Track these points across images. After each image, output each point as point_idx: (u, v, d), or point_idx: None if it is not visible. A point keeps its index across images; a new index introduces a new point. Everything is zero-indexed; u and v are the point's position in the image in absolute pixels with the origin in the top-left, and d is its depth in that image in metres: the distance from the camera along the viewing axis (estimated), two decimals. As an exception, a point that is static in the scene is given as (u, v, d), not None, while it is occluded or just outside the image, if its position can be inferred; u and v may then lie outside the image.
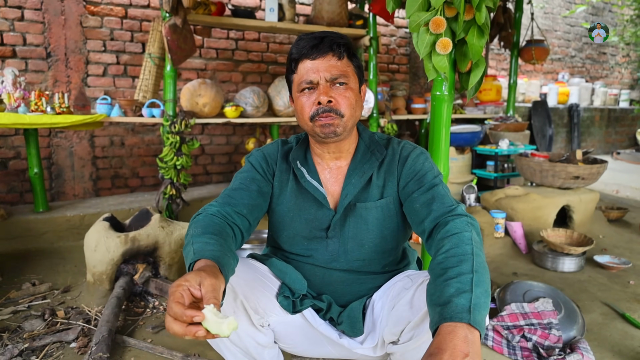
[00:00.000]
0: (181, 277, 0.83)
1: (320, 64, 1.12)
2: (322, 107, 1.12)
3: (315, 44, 1.12)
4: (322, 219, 1.20)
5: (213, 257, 0.93)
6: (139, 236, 2.21)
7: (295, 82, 1.17)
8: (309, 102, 1.14)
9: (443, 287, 0.86)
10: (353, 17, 3.74)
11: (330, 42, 1.12)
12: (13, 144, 3.54)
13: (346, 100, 1.13)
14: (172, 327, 0.77)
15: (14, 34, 3.43)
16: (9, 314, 2.05)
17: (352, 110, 1.15)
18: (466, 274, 0.87)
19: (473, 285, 0.84)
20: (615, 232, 3.37)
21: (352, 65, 1.17)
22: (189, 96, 3.05)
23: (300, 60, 1.14)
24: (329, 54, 1.12)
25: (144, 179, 4.10)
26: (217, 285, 0.84)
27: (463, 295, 0.82)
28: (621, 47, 7.88)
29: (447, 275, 0.87)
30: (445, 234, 0.98)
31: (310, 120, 1.14)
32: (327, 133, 1.14)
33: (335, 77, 1.12)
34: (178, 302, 0.78)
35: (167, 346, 1.79)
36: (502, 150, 3.94)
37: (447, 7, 1.66)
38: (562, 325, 1.85)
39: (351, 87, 1.15)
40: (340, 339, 1.18)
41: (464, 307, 0.80)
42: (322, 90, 1.12)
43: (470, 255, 0.91)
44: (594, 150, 6.75)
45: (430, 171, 1.17)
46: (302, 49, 1.13)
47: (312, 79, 1.12)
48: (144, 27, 3.88)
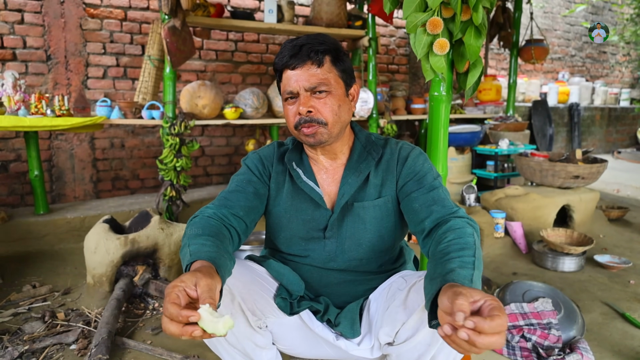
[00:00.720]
0: (177, 278, 0.84)
1: (299, 74, 1.12)
2: (303, 118, 1.12)
3: (294, 53, 1.12)
4: (319, 219, 1.21)
5: (209, 258, 0.93)
6: (139, 238, 2.21)
7: (282, 90, 1.18)
8: (292, 111, 1.14)
9: (445, 264, 0.88)
10: (352, 18, 3.74)
11: (309, 50, 1.11)
12: (13, 146, 3.55)
13: (327, 107, 1.12)
14: (169, 327, 0.78)
15: (14, 37, 3.44)
16: (9, 316, 2.06)
17: (336, 117, 1.14)
18: (468, 257, 0.90)
19: (475, 267, 0.87)
20: (616, 232, 3.36)
21: (336, 69, 1.15)
22: (188, 98, 3.06)
23: (283, 70, 1.15)
24: (307, 62, 1.11)
25: (144, 181, 4.11)
26: (213, 285, 0.84)
27: (466, 269, 0.85)
28: (621, 46, 7.87)
29: (449, 256, 0.90)
30: (448, 228, 1.00)
31: (295, 129, 1.15)
32: (313, 142, 1.14)
33: (314, 87, 1.11)
34: (174, 302, 0.79)
35: (167, 348, 1.79)
36: (502, 150, 3.93)
37: (444, 8, 1.66)
38: (562, 325, 1.85)
39: (333, 93, 1.13)
40: (337, 341, 1.18)
41: (467, 277, 0.83)
42: (301, 100, 1.12)
43: (472, 245, 0.94)
44: (595, 150, 6.74)
45: (430, 172, 1.17)
46: (282, 58, 1.13)
47: (292, 89, 1.13)
48: (144, 29, 3.89)
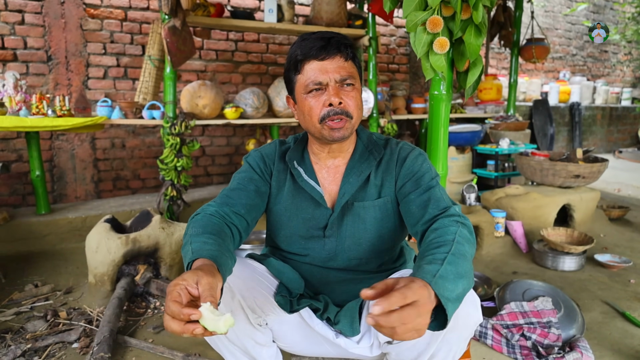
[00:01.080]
0: (178, 276, 0.84)
1: (329, 64, 1.11)
2: (334, 109, 1.11)
3: (323, 45, 1.11)
4: (320, 218, 1.21)
5: (211, 257, 0.93)
6: (140, 237, 2.22)
7: (301, 82, 1.15)
8: (317, 103, 1.12)
9: (419, 264, 0.91)
10: (352, 17, 3.75)
11: (338, 43, 1.12)
12: (15, 147, 3.56)
13: (354, 101, 1.14)
14: (170, 325, 0.79)
15: (15, 37, 3.45)
16: (12, 315, 2.07)
17: (359, 111, 1.17)
18: (441, 253, 0.92)
19: (445, 263, 0.88)
20: (617, 231, 3.36)
21: (356, 66, 1.18)
22: (189, 98, 3.06)
23: (306, 60, 1.13)
24: (337, 55, 1.12)
25: (145, 181, 4.11)
26: (214, 283, 0.85)
27: (433, 264, 0.88)
28: (623, 45, 7.86)
29: (423, 255, 0.94)
30: (432, 231, 1.02)
31: (319, 122, 1.13)
32: (337, 137, 1.14)
33: (344, 78, 1.12)
34: (175, 300, 0.79)
35: (168, 346, 1.80)
36: (502, 150, 3.93)
37: (444, 7, 1.67)
38: (562, 324, 1.85)
39: (357, 87, 1.16)
40: (336, 339, 1.18)
41: (430, 272, 0.85)
42: (332, 91, 1.11)
43: (450, 242, 0.95)
44: (596, 149, 6.73)
45: (428, 172, 1.17)
46: (309, 49, 1.12)
47: (321, 80, 1.11)
48: (144, 29, 3.90)
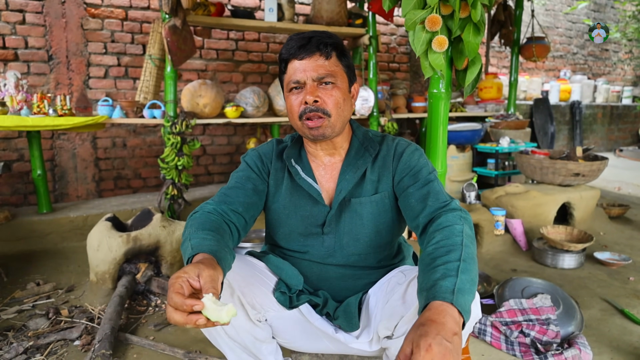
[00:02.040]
0: (180, 269, 0.86)
1: (307, 63, 1.14)
2: (309, 107, 1.14)
3: (302, 44, 1.14)
4: (318, 215, 1.22)
5: (210, 251, 0.95)
6: (141, 236, 2.23)
7: (285, 82, 1.19)
8: (296, 101, 1.16)
9: (430, 273, 0.89)
10: (352, 16, 3.75)
11: (318, 42, 1.14)
12: (16, 146, 3.57)
13: (332, 99, 1.14)
14: (173, 316, 0.80)
15: (16, 37, 3.47)
16: (14, 313, 2.08)
17: (339, 110, 1.16)
18: (453, 261, 0.90)
19: (459, 272, 0.87)
20: (616, 229, 3.37)
21: (341, 64, 1.18)
22: (189, 97, 3.07)
23: (289, 60, 1.17)
24: (315, 53, 1.14)
25: (146, 180, 4.13)
26: (216, 276, 0.86)
27: (448, 279, 0.85)
28: (624, 43, 7.84)
29: (435, 263, 0.90)
30: (436, 227, 1.01)
31: (299, 120, 1.16)
32: (316, 135, 1.16)
33: (321, 77, 1.14)
34: (178, 292, 0.81)
35: (169, 343, 1.81)
36: (502, 148, 3.94)
37: (442, 5, 1.67)
38: (560, 321, 1.86)
39: (338, 86, 1.16)
40: (336, 334, 1.19)
41: (448, 289, 0.83)
42: (308, 89, 1.14)
43: (459, 245, 0.94)
44: (597, 148, 6.73)
45: (425, 167, 1.19)
46: (290, 49, 1.15)
47: (299, 79, 1.14)
48: (145, 28, 3.91)
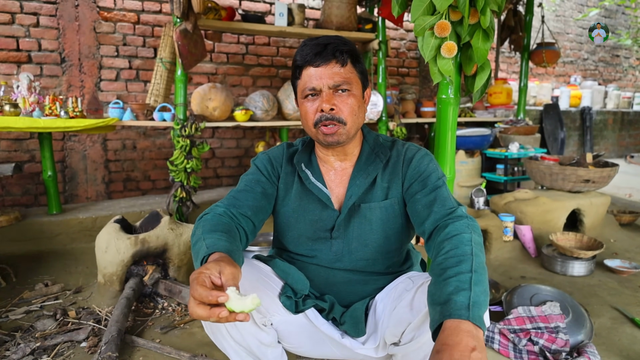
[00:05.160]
0: (201, 266, 0.88)
1: (323, 71, 1.13)
2: (325, 115, 1.13)
3: (318, 51, 1.13)
4: (327, 219, 1.22)
5: (227, 252, 0.97)
6: (149, 238, 2.24)
7: (300, 88, 1.19)
8: (312, 108, 1.16)
9: (442, 286, 0.87)
10: (362, 21, 3.76)
11: (334, 49, 1.13)
12: (28, 147, 3.62)
13: (348, 107, 1.14)
14: (196, 310, 0.81)
15: (30, 39, 3.51)
16: (22, 313, 2.10)
17: (355, 117, 1.16)
18: (465, 273, 0.88)
19: (472, 284, 0.86)
20: (627, 236, 3.32)
21: (356, 70, 1.18)
22: (199, 100, 3.09)
23: (304, 67, 1.16)
24: (332, 61, 1.14)
25: (155, 182, 4.15)
26: (237, 273, 0.89)
27: (462, 293, 0.84)
28: (635, 49, 7.78)
29: (446, 274, 0.89)
30: (445, 236, 0.99)
31: (314, 127, 1.16)
32: (331, 142, 1.16)
33: (338, 84, 1.14)
34: (202, 285, 0.82)
35: (175, 346, 1.82)
36: (512, 154, 3.91)
37: (451, 11, 1.67)
38: (570, 329, 1.83)
39: (354, 93, 1.16)
40: (342, 339, 1.19)
41: (463, 305, 0.81)
42: (324, 97, 1.13)
43: (469, 255, 0.92)
44: (607, 154, 6.66)
45: (434, 172, 1.18)
46: (305, 55, 1.15)
47: (314, 86, 1.14)
48: (156, 32, 3.95)
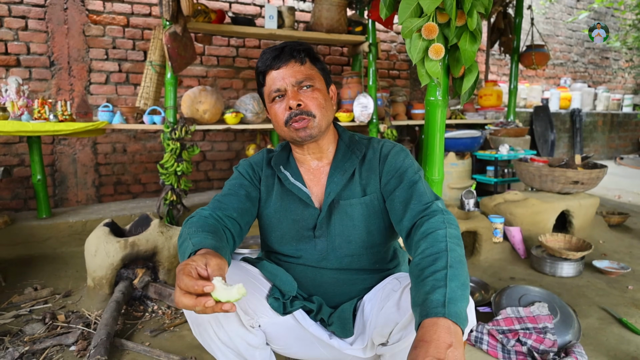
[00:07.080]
0: (188, 258, 0.89)
1: (284, 71, 1.18)
2: (294, 112, 1.17)
3: (276, 55, 1.19)
4: (308, 218, 1.24)
5: (213, 249, 0.98)
6: (138, 241, 2.24)
7: (266, 93, 1.23)
8: (280, 109, 1.20)
9: (420, 287, 0.89)
10: (352, 24, 3.78)
11: (291, 49, 1.19)
12: (17, 151, 3.59)
13: (314, 100, 1.19)
14: (182, 300, 0.82)
15: (18, 43, 3.49)
16: (11, 317, 2.08)
17: (323, 110, 1.20)
18: (440, 270, 0.89)
19: (447, 280, 0.87)
20: (616, 237, 3.35)
21: (316, 68, 1.24)
22: (189, 103, 3.09)
23: (267, 72, 1.21)
24: (290, 61, 1.19)
25: (145, 185, 4.13)
26: (223, 264, 0.90)
27: (437, 291, 0.85)
28: (624, 51, 7.88)
29: (424, 275, 0.90)
30: (421, 235, 1.01)
31: (285, 126, 1.20)
32: (304, 137, 1.19)
33: (300, 81, 1.18)
34: (188, 275, 0.83)
35: (165, 349, 1.81)
36: (502, 156, 3.94)
37: (439, 13, 1.69)
38: (558, 330, 1.85)
39: (318, 88, 1.21)
40: (330, 340, 1.19)
41: (439, 302, 0.83)
42: (290, 95, 1.18)
43: (444, 252, 0.94)
44: (597, 156, 6.73)
45: (410, 167, 1.21)
46: (265, 61, 1.20)
47: (279, 87, 1.19)
48: (146, 35, 3.94)
